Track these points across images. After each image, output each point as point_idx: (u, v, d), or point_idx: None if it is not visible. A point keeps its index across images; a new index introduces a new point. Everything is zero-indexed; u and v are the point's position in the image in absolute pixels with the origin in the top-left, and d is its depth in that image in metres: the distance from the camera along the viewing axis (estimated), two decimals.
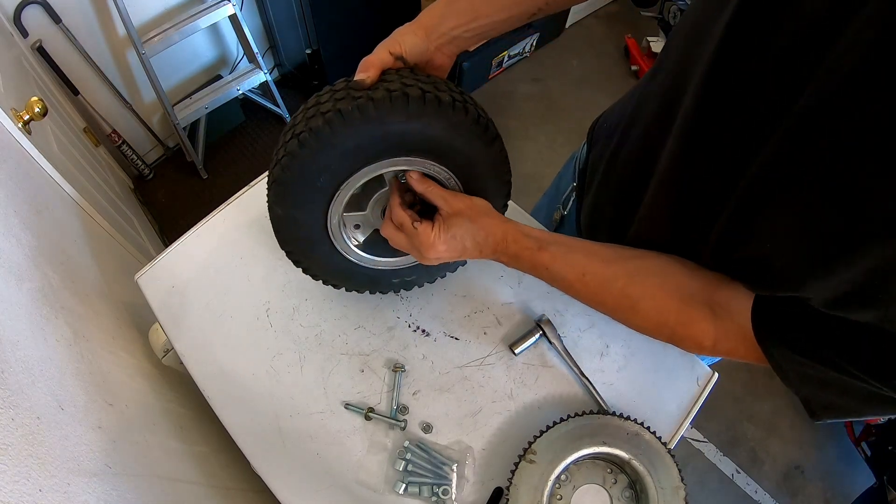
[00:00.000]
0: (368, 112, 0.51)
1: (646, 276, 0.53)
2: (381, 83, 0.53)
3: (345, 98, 0.52)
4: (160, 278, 0.80)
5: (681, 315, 0.51)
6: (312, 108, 0.54)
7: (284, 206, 0.60)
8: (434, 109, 0.53)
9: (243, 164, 2.30)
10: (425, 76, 0.56)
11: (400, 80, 0.53)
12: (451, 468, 0.67)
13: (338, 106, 0.52)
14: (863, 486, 1.65)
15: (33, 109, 0.98)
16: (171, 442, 0.75)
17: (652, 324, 0.53)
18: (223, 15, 1.88)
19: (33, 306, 0.61)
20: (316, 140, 0.53)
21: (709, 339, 0.50)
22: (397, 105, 0.52)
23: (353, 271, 0.70)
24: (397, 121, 0.52)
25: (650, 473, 0.62)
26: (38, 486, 0.41)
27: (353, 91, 0.53)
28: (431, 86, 0.54)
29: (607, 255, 0.56)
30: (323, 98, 0.55)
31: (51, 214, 0.91)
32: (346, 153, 0.55)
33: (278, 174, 0.56)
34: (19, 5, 1.56)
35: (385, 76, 0.54)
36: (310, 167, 0.55)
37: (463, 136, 0.56)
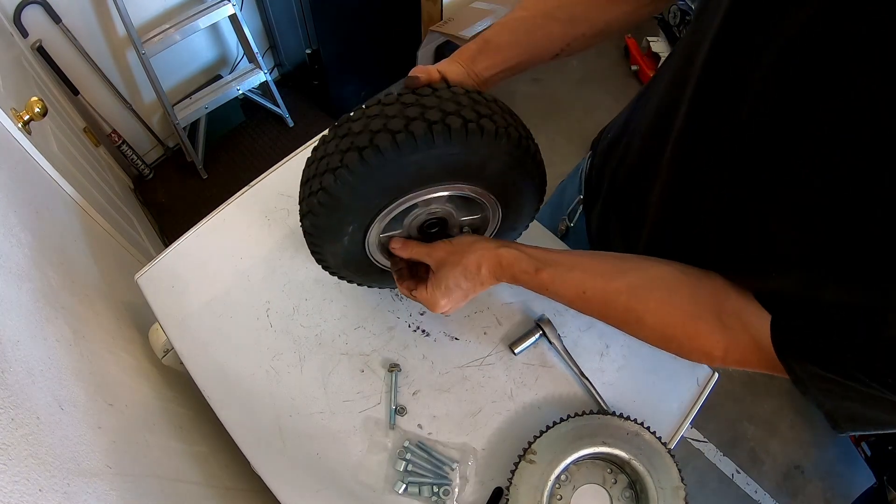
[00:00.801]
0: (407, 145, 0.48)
1: (649, 291, 0.52)
2: (421, 107, 0.50)
3: (396, 117, 0.49)
4: (160, 278, 0.80)
5: (687, 328, 0.50)
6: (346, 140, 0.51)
7: (318, 242, 0.59)
8: (477, 140, 0.50)
9: (243, 164, 2.30)
10: (467, 95, 0.52)
11: (440, 105, 0.50)
12: (451, 468, 0.67)
13: (376, 141, 0.48)
14: (863, 486, 1.65)
15: (33, 109, 0.98)
16: (171, 442, 0.75)
17: (659, 337, 0.52)
18: (223, 15, 1.88)
19: (33, 306, 0.61)
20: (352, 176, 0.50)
21: (719, 350, 0.48)
22: (439, 136, 0.48)
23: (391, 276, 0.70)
24: (436, 153, 0.49)
25: (650, 473, 0.62)
26: (38, 486, 0.41)
27: (405, 109, 0.49)
28: (474, 112, 0.50)
29: (607, 270, 0.55)
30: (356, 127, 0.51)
31: (51, 214, 0.91)
32: (380, 189, 0.53)
33: (312, 217, 0.55)
34: (19, 5, 1.56)
35: (424, 98, 0.51)
36: (345, 206, 0.53)
37: (505, 160, 0.53)
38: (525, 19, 0.62)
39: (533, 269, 0.55)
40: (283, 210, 0.87)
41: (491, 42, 0.61)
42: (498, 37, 0.61)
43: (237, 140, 2.36)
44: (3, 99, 1.03)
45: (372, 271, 0.68)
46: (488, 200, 0.59)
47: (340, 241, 0.59)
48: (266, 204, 0.87)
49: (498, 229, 0.66)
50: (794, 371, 0.43)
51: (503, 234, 0.68)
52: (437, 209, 0.60)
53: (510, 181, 0.57)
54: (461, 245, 0.59)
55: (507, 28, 0.62)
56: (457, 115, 0.49)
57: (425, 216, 0.61)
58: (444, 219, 0.62)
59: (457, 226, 0.64)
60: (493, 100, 0.55)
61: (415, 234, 0.63)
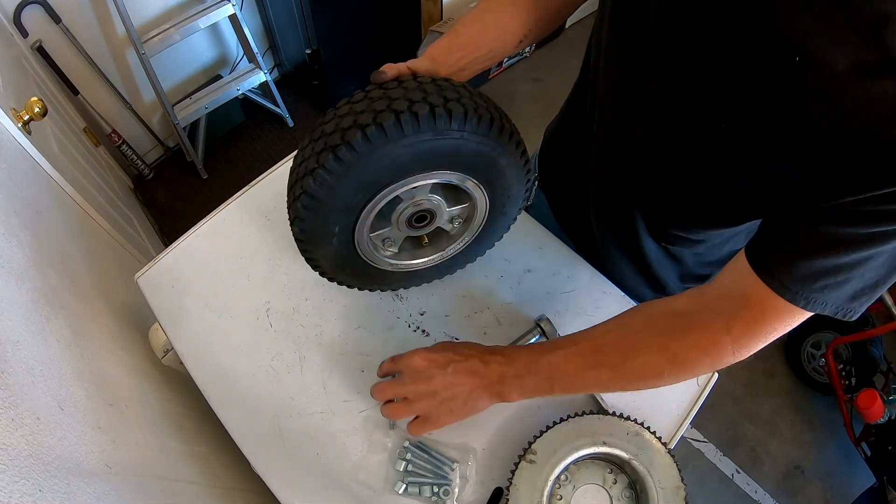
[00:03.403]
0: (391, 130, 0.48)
1: (635, 314, 0.56)
2: (388, 99, 0.50)
3: (364, 112, 0.49)
4: (160, 278, 0.80)
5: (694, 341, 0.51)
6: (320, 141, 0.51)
7: (309, 248, 0.60)
8: (445, 124, 0.50)
9: (243, 164, 2.30)
10: (433, 83, 0.53)
11: (406, 94, 0.50)
12: (451, 468, 0.67)
13: (347, 137, 0.49)
14: (863, 486, 1.65)
15: (33, 109, 0.98)
16: (171, 442, 0.75)
17: (658, 350, 0.52)
18: (223, 15, 1.88)
19: (33, 306, 0.61)
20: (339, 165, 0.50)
21: (721, 328, 0.49)
22: (408, 125, 0.49)
23: (389, 276, 0.71)
24: (408, 142, 0.50)
25: (650, 473, 0.62)
26: (38, 486, 0.41)
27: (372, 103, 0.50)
28: (441, 98, 0.51)
29: (594, 328, 0.58)
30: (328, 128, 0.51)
31: (51, 214, 0.91)
32: (359, 185, 0.53)
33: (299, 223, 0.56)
34: (19, 5, 1.56)
35: (391, 91, 0.51)
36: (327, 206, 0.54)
37: (479, 141, 0.53)
38: (491, 9, 0.65)
39: (524, 369, 0.58)
40: (283, 210, 0.86)
41: (461, 33, 0.63)
42: (467, 27, 0.64)
43: (237, 140, 2.37)
44: (3, 99, 1.03)
45: (368, 272, 0.68)
46: (473, 186, 0.59)
47: (330, 242, 0.59)
48: (266, 204, 0.87)
49: (488, 216, 0.65)
50: (786, 283, 0.44)
51: (495, 220, 0.68)
52: (422, 201, 0.59)
53: (489, 162, 0.57)
54: (441, 389, 0.60)
55: (475, 18, 0.64)
56: (423, 102, 0.49)
57: (412, 209, 0.60)
58: (432, 210, 0.61)
59: (446, 217, 0.63)
60: (462, 85, 0.55)
61: (404, 230, 0.63)
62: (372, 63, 0.60)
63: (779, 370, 1.99)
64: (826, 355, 1.78)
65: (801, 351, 1.92)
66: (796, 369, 1.96)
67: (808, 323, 1.62)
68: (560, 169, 0.84)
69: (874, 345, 1.70)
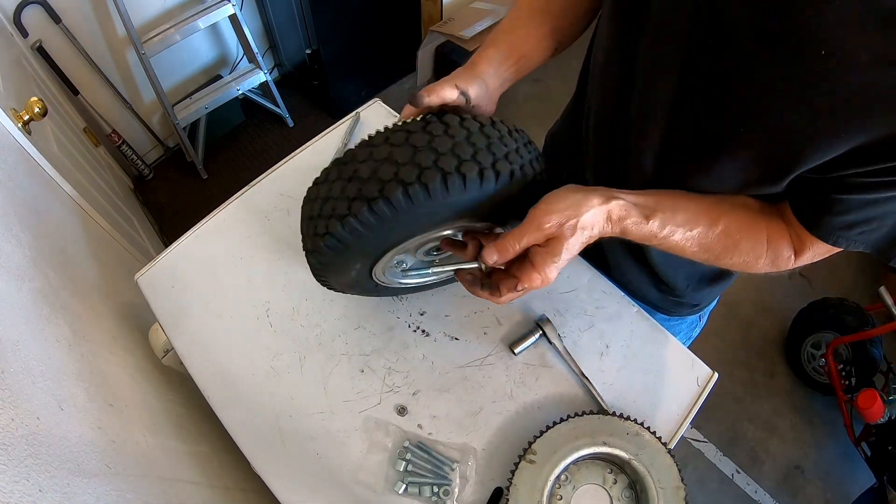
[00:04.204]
0: (419, 197, 0.45)
1: (737, 211, 0.56)
2: (434, 152, 0.46)
3: (407, 165, 0.45)
4: (160, 278, 0.80)
5: (770, 233, 0.56)
6: (353, 185, 0.47)
7: (323, 274, 0.58)
8: (492, 185, 0.47)
9: (243, 164, 2.30)
10: (482, 133, 0.48)
11: (454, 148, 0.46)
12: (451, 468, 0.67)
13: (386, 193, 0.45)
14: (863, 486, 1.65)
15: (33, 109, 0.98)
16: (171, 442, 0.75)
17: (750, 257, 0.56)
18: (223, 15, 1.88)
19: (33, 306, 0.61)
20: (363, 227, 0.47)
21: (788, 245, 0.55)
22: (454, 186, 0.45)
23: (397, 290, 0.72)
24: (450, 201, 0.47)
25: (650, 473, 0.62)
26: (38, 486, 0.41)
27: (416, 154, 0.46)
28: (490, 155, 0.47)
29: (702, 209, 0.55)
30: (363, 171, 0.47)
31: (51, 214, 0.91)
32: (389, 235, 0.51)
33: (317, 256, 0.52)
34: (19, 5, 1.56)
35: (437, 140, 0.47)
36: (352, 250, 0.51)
37: (518, 193, 0.51)
38: (521, 18, 0.65)
39: (643, 218, 0.52)
40: (283, 210, 0.87)
41: (501, 42, 0.63)
42: (505, 37, 0.64)
43: (237, 140, 2.36)
44: (3, 99, 1.03)
45: (378, 290, 0.69)
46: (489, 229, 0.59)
47: (347, 274, 0.58)
48: (266, 204, 0.87)
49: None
50: (828, 232, 0.51)
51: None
52: (447, 236, 0.59)
53: (523, 204, 0.53)
54: (570, 203, 0.50)
55: (508, 31, 0.65)
56: (472, 161, 0.46)
57: (434, 243, 0.60)
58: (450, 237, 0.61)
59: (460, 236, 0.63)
60: (510, 131, 0.51)
61: (421, 257, 0.63)
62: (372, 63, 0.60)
63: (779, 370, 1.99)
64: (826, 355, 1.78)
65: (801, 351, 1.92)
66: (796, 369, 1.95)
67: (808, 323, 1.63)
68: (563, 172, 0.84)
69: (874, 345, 1.69)
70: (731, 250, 0.56)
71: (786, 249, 0.56)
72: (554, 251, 0.49)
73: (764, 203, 0.58)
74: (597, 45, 0.63)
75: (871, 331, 1.67)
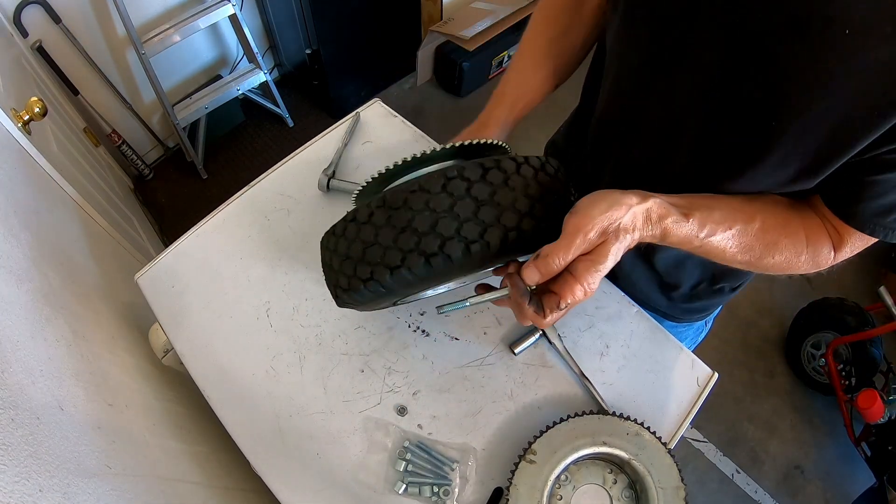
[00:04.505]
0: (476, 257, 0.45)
1: (773, 208, 0.55)
2: (497, 207, 0.45)
3: (469, 222, 0.44)
4: (160, 278, 0.80)
5: (808, 231, 0.55)
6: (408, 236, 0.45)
7: (351, 307, 0.57)
8: (547, 238, 0.47)
9: (243, 164, 2.30)
10: (535, 182, 0.47)
11: (514, 203, 0.45)
12: (451, 468, 0.67)
13: (447, 250, 0.44)
14: (863, 486, 1.65)
15: (33, 109, 0.98)
16: (171, 442, 0.75)
17: (791, 257, 0.55)
18: (223, 15, 1.88)
19: (33, 306, 0.61)
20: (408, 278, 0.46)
21: (828, 242, 0.55)
22: (514, 243, 0.45)
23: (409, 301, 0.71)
24: (505, 255, 0.47)
25: (650, 473, 0.62)
26: (38, 486, 0.41)
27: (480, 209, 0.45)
28: (543, 208, 0.46)
29: (739, 208, 0.54)
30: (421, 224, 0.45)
31: (51, 214, 0.91)
32: (437, 282, 0.51)
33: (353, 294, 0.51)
34: (19, 5, 1.56)
35: (499, 193, 0.45)
36: (395, 294, 0.50)
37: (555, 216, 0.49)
38: (525, 68, 0.71)
39: (683, 217, 0.49)
40: (283, 210, 0.87)
41: (509, 95, 0.70)
42: (506, 98, 0.70)
43: (237, 140, 2.37)
44: (3, 99, 1.03)
45: (394, 306, 0.69)
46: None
47: (378, 306, 0.58)
48: (266, 204, 0.87)
49: None
50: (864, 222, 0.51)
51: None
52: None
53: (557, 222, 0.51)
54: (608, 206, 0.46)
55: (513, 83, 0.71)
56: (530, 217, 0.45)
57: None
58: None
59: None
60: (559, 179, 0.50)
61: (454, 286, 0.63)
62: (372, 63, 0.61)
63: (779, 370, 1.99)
64: (826, 355, 1.78)
65: (801, 351, 1.92)
66: (796, 369, 1.95)
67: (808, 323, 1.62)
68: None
69: (874, 345, 1.69)
70: (772, 248, 0.53)
71: (825, 246, 0.55)
72: (598, 259, 0.46)
73: (794, 200, 0.57)
74: (611, 53, 0.61)
75: (871, 331, 1.67)
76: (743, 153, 0.52)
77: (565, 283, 0.46)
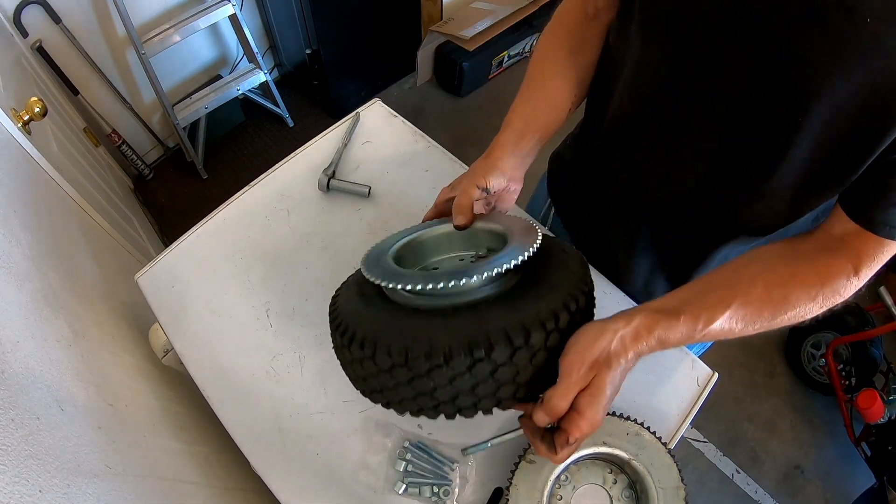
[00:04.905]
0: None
1: (773, 265, 0.54)
2: (515, 384, 0.47)
3: (469, 409, 0.47)
4: (160, 278, 0.80)
5: (818, 271, 0.52)
6: (426, 399, 0.47)
7: None
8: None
9: (243, 164, 2.30)
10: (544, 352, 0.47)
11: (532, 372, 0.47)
12: (451, 468, 0.67)
13: (463, 414, 0.48)
14: (863, 486, 1.65)
15: (33, 109, 0.98)
16: (171, 442, 0.75)
17: (806, 303, 0.52)
18: (223, 15, 1.88)
19: (33, 306, 0.61)
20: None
21: (848, 269, 0.52)
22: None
23: None
24: None
25: (650, 473, 0.62)
26: (38, 486, 0.41)
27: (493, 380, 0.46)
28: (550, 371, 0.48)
29: (730, 278, 0.53)
30: (442, 394, 0.46)
31: (51, 214, 0.91)
32: None
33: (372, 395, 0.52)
34: (19, 5, 1.56)
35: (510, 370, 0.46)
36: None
37: None
38: (537, 85, 0.67)
39: (674, 319, 0.49)
40: (283, 210, 0.87)
41: (515, 122, 0.65)
42: (520, 114, 0.66)
43: (237, 140, 2.36)
44: (3, 99, 1.03)
45: None
46: None
47: None
48: (266, 204, 0.87)
49: None
50: (874, 221, 0.49)
51: None
52: None
53: None
54: (593, 339, 0.48)
55: (526, 99, 0.67)
56: (546, 377, 0.48)
57: None
58: None
59: None
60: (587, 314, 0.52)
61: None
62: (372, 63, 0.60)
63: (779, 370, 1.99)
64: (826, 355, 1.78)
65: (801, 351, 1.92)
66: (796, 369, 1.95)
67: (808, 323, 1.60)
68: (576, 195, 0.84)
69: (874, 345, 1.69)
70: (783, 305, 0.51)
71: (841, 277, 0.52)
72: (596, 392, 0.47)
73: (797, 242, 0.55)
74: (624, 56, 0.60)
75: (871, 331, 1.66)
76: (771, 148, 0.51)
77: (571, 421, 0.48)
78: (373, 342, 0.47)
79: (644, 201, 0.68)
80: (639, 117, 0.62)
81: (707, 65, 0.51)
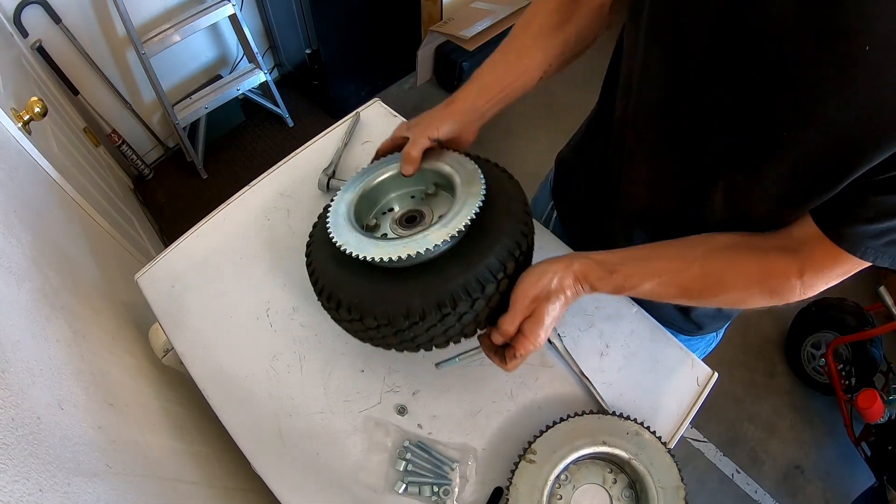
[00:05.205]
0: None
1: (719, 253, 0.58)
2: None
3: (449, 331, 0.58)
4: (160, 278, 0.80)
5: (762, 266, 0.55)
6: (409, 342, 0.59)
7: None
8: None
9: (243, 164, 2.30)
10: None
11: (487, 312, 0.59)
12: (451, 468, 0.67)
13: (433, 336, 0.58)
14: (863, 486, 1.65)
15: (33, 109, 0.98)
16: (171, 442, 0.75)
17: (742, 291, 0.57)
18: (223, 15, 1.88)
19: (33, 306, 0.61)
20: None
21: (794, 272, 0.53)
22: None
23: None
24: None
25: (650, 473, 0.62)
26: (39, 486, 0.41)
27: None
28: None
29: (676, 253, 0.60)
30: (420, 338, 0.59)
31: (51, 214, 0.91)
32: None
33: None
34: (19, 5, 1.56)
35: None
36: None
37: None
38: (513, 49, 0.69)
39: (606, 273, 0.58)
40: (283, 210, 0.87)
41: (484, 78, 0.68)
42: (490, 73, 0.69)
43: (237, 140, 2.36)
44: (3, 99, 1.03)
45: None
46: None
47: None
48: (266, 204, 0.87)
49: None
50: (855, 243, 0.49)
51: None
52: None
53: None
54: (537, 278, 0.58)
55: (498, 62, 0.69)
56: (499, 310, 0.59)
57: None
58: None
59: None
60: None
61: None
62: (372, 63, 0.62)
63: (779, 370, 1.99)
64: (826, 355, 1.78)
65: (801, 351, 1.92)
66: (796, 369, 1.95)
67: (808, 323, 1.61)
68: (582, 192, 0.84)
69: (874, 345, 1.69)
70: (715, 287, 0.57)
71: (783, 279, 0.54)
72: (537, 319, 0.57)
73: (756, 237, 0.58)
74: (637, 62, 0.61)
75: (871, 331, 1.66)
76: (757, 156, 0.52)
77: (518, 341, 0.58)
78: (359, 309, 0.57)
79: (643, 204, 0.69)
80: (640, 121, 0.62)
81: (706, 75, 0.51)
